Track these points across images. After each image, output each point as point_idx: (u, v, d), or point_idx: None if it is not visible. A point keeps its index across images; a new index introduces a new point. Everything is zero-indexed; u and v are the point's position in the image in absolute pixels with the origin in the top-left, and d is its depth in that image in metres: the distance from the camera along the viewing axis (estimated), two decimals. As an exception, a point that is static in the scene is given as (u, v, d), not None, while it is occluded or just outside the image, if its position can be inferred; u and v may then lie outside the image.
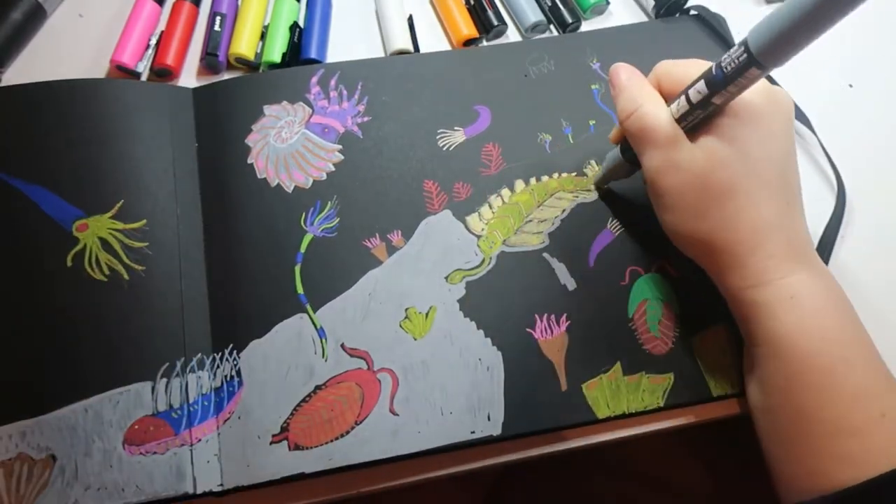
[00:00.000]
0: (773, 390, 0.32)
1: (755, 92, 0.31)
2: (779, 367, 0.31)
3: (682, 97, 0.32)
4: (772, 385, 0.32)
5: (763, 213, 0.31)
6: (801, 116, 0.44)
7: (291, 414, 0.35)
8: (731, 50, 0.28)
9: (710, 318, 0.38)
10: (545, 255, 0.39)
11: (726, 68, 0.29)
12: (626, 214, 0.41)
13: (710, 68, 0.30)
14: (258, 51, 0.45)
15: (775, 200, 0.31)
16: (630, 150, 0.35)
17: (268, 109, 0.42)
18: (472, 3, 0.48)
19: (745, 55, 0.27)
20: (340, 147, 0.42)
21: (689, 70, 0.33)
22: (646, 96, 0.33)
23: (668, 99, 0.34)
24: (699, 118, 0.32)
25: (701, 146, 0.32)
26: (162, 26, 0.46)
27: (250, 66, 0.45)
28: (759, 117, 0.31)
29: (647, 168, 0.33)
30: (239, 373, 0.36)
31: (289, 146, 0.41)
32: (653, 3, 0.47)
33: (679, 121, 0.32)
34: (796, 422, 0.31)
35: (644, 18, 0.48)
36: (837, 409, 0.29)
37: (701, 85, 0.30)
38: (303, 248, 0.39)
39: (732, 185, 0.31)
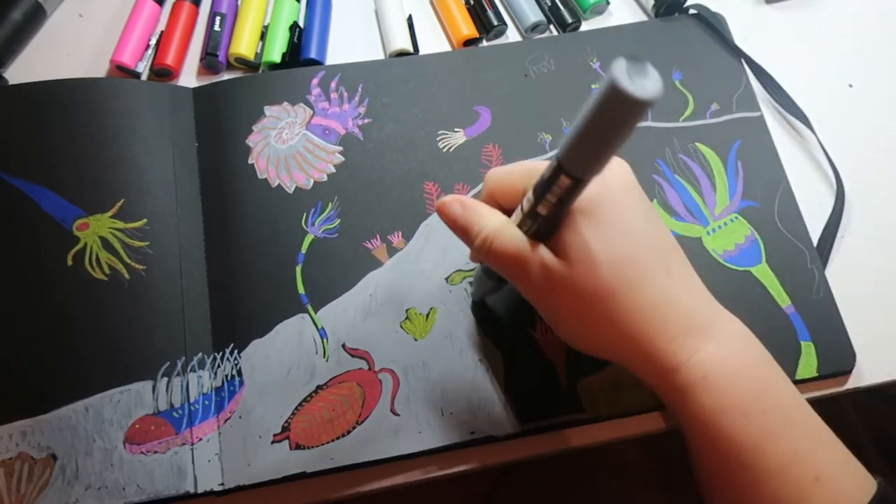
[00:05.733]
0: (706, 473, 0.31)
1: None
2: (706, 452, 0.30)
3: (519, 207, 0.30)
4: (704, 469, 0.31)
5: (648, 298, 0.29)
6: (801, 116, 0.44)
7: (292, 413, 0.35)
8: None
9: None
10: (545, 255, 0.39)
11: (544, 176, 0.27)
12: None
13: (538, 178, 0.28)
14: (258, 51, 0.45)
15: (655, 277, 0.29)
16: (492, 270, 0.33)
17: (268, 110, 0.42)
18: (472, 3, 0.48)
19: (556, 162, 0.26)
20: (341, 148, 0.42)
21: (514, 174, 0.31)
22: (485, 220, 0.30)
23: (510, 209, 0.31)
24: (534, 228, 0.29)
25: (560, 255, 0.29)
26: (162, 26, 0.46)
27: (250, 66, 0.46)
28: (598, 201, 0.29)
29: (527, 291, 0.31)
30: (240, 372, 0.36)
31: (289, 147, 0.41)
32: (652, 2, 0.47)
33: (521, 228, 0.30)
34: (735, 500, 0.30)
35: (644, 18, 0.48)
36: (770, 483, 0.28)
37: (530, 193, 0.28)
38: (304, 249, 0.39)
39: (604, 283, 0.28)
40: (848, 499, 0.29)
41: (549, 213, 0.28)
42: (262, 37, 0.46)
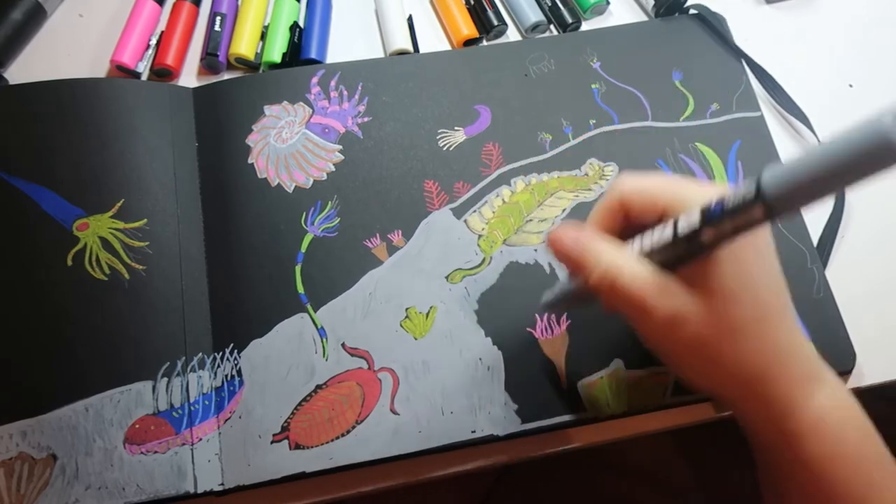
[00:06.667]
0: None
1: None
2: (808, 498, 0.30)
3: (650, 232, 0.28)
4: None
5: (778, 340, 0.28)
6: (801, 116, 0.44)
7: (292, 413, 0.35)
8: (739, 186, 0.24)
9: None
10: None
11: (727, 202, 0.24)
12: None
13: (710, 202, 0.25)
14: (258, 51, 0.45)
15: (784, 321, 0.29)
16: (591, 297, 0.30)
17: (268, 109, 0.42)
18: (472, 3, 0.48)
19: (756, 191, 0.23)
20: (341, 147, 0.42)
21: (659, 188, 0.29)
22: (603, 252, 0.28)
23: (637, 220, 0.29)
24: (673, 256, 0.27)
25: (698, 285, 0.27)
26: (162, 26, 0.46)
27: (250, 66, 0.46)
28: (748, 238, 0.27)
29: (645, 332, 0.29)
30: (240, 372, 0.36)
31: (289, 146, 0.41)
32: (652, 2, 0.47)
33: (653, 254, 0.28)
34: None
35: (644, 18, 0.48)
36: None
37: (692, 216, 0.26)
38: (303, 248, 0.39)
39: (739, 318, 0.28)
40: None
41: (711, 241, 0.26)
42: (263, 37, 0.46)
